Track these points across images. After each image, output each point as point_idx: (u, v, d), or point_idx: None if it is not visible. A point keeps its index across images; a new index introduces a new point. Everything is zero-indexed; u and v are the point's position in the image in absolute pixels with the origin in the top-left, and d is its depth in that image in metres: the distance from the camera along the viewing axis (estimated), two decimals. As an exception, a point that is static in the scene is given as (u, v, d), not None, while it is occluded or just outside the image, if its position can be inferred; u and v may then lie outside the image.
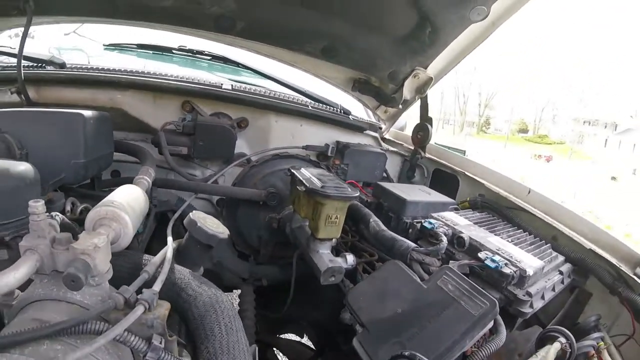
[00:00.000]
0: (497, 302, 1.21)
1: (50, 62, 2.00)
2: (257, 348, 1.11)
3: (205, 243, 1.31)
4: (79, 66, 2.10)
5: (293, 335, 2.93)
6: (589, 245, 1.73)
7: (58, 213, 1.04)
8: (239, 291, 2.14)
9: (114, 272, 1.06)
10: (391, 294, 1.37)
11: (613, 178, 35.16)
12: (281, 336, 2.86)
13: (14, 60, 1.91)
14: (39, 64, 2.01)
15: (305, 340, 2.88)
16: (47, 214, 0.93)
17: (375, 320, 1.31)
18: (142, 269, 1.06)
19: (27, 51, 1.83)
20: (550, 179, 29.72)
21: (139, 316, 0.85)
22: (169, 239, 1.31)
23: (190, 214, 1.36)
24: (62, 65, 2.02)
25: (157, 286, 0.96)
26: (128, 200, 1.14)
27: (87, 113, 1.40)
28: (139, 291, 0.93)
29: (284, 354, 2.75)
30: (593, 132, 52.72)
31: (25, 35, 1.77)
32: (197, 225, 1.30)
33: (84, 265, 0.83)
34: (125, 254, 1.19)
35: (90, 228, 1.02)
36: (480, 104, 60.74)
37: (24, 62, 1.85)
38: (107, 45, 3.01)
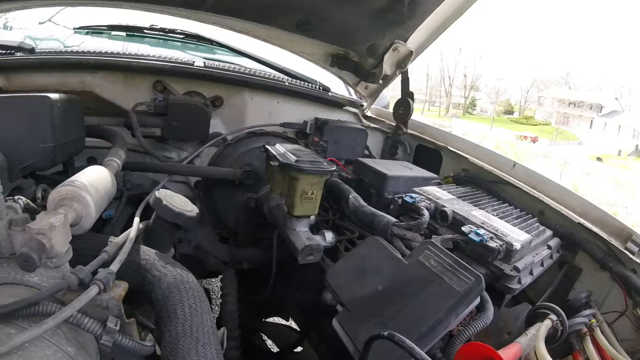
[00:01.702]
0: (482, 277, 1.13)
1: (19, 48, 1.91)
2: (225, 331, 1.05)
3: (172, 222, 1.24)
4: (47, 50, 2.02)
5: (279, 318, 2.88)
6: (577, 219, 1.67)
7: (22, 197, 0.99)
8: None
9: (78, 254, 1.00)
10: (371, 271, 1.30)
11: (599, 159, 35.39)
12: (267, 320, 2.81)
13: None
14: (8, 51, 1.91)
15: (291, 323, 2.83)
16: (10, 197, 0.92)
17: (355, 299, 1.24)
18: (105, 250, 1.00)
19: (-4, 39, 1.74)
20: (536, 158, 29.94)
21: (92, 297, 0.79)
22: (136, 219, 1.24)
23: (157, 192, 1.28)
24: (32, 51, 1.93)
25: (114, 266, 0.90)
26: (91, 181, 1.07)
27: (54, 96, 1.33)
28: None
29: (269, 338, 2.70)
30: (578, 113, 53.06)
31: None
32: (163, 204, 1.22)
33: (37, 245, 0.78)
34: (90, 236, 1.13)
35: (51, 209, 0.96)
36: (465, 86, 60.78)
37: (-8, 50, 1.78)
38: (77, 28, 2.87)
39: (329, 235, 1.57)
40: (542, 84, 64.20)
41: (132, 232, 1.09)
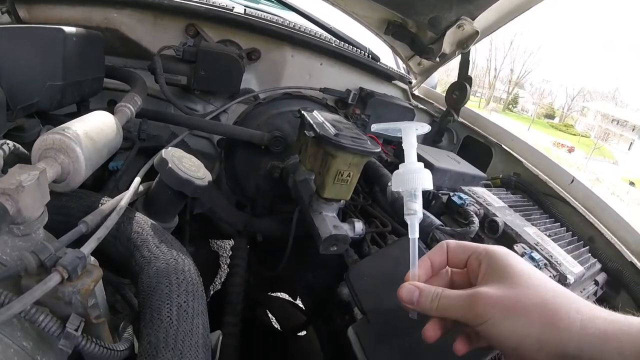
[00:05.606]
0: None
1: None
2: (221, 336, 0.85)
3: (177, 190, 1.04)
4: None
5: (286, 295, 2.72)
6: (630, 257, 1.44)
7: (8, 141, 0.79)
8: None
9: (63, 214, 0.85)
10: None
11: (631, 183, 33.91)
12: (274, 294, 2.66)
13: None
14: None
15: (298, 301, 2.66)
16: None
17: (379, 311, 1.02)
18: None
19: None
20: (569, 170, 29.06)
21: (52, 288, 0.59)
22: (136, 180, 1.04)
23: (163, 151, 1.08)
24: None
25: (87, 247, 0.68)
26: (88, 130, 0.87)
27: (69, 29, 1.16)
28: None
29: (273, 315, 2.55)
30: (620, 132, 51.11)
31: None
32: (168, 167, 1.02)
33: (-3, 209, 0.57)
34: (80, 195, 0.94)
35: (34, 159, 0.79)
36: (510, 81, 58.76)
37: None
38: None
39: (359, 226, 1.35)
40: (589, 95, 61.86)
41: (124, 199, 0.90)
